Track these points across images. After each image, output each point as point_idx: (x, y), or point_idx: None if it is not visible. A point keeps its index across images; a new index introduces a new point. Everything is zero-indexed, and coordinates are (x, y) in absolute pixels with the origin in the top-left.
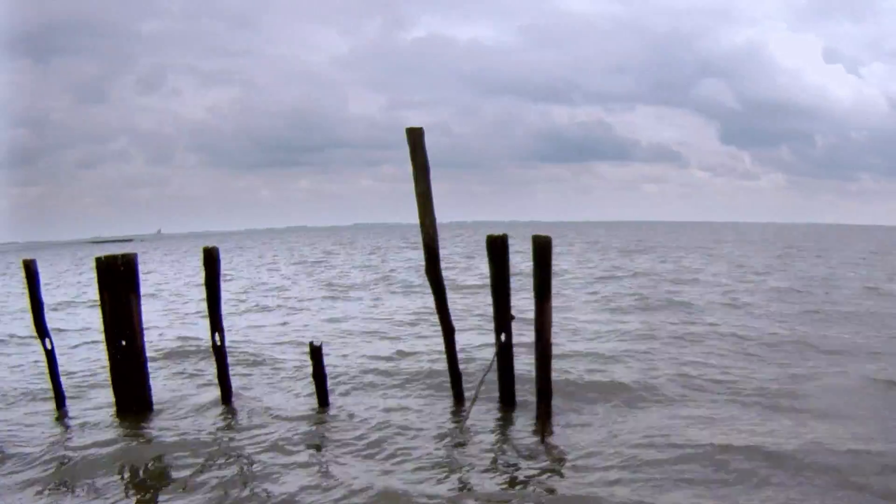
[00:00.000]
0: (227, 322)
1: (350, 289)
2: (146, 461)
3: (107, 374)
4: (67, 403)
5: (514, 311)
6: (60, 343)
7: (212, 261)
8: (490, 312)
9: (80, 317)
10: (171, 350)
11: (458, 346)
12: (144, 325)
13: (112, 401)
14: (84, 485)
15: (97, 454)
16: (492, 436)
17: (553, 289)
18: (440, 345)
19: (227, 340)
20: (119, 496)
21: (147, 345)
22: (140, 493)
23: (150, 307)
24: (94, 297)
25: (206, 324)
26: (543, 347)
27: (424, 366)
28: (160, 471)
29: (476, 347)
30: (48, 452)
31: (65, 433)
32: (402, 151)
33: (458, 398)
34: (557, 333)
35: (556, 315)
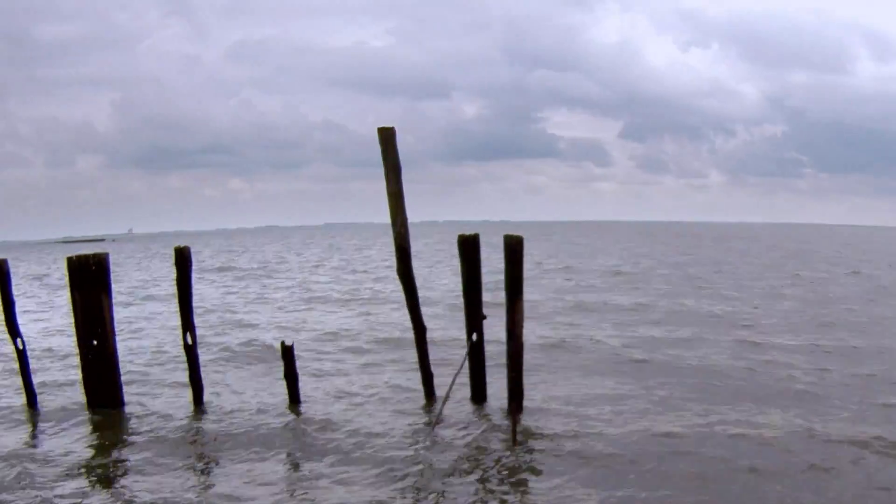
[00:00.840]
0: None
1: None
2: (108, 459)
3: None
4: (38, 402)
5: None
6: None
7: (183, 260)
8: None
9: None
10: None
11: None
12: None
13: (84, 400)
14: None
15: (64, 452)
16: (463, 433)
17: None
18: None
19: None
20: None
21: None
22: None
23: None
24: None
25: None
26: (515, 346)
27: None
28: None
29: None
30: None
31: (33, 432)
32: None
33: (430, 397)
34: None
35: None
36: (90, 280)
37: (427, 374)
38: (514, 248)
